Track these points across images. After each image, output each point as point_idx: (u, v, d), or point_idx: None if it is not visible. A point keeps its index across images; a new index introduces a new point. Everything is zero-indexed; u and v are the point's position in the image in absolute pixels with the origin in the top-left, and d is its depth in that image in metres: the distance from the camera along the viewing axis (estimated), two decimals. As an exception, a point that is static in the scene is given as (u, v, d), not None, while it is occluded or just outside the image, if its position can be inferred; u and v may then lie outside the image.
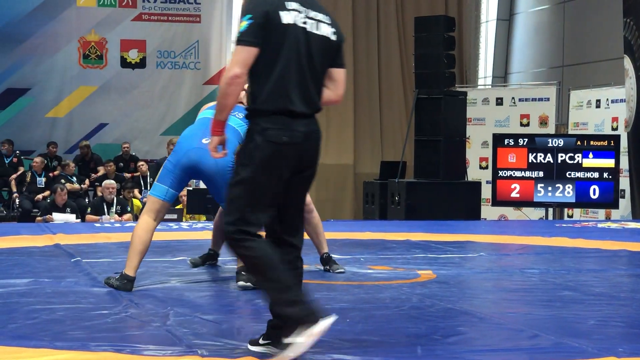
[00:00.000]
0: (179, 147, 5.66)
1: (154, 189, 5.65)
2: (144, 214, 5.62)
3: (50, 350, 3.77)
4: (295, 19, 3.79)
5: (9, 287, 5.43)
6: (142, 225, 5.56)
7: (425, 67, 13.60)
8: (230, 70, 3.69)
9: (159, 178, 5.66)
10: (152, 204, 5.60)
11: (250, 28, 3.70)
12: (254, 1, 3.76)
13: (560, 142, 12.97)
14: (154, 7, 17.27)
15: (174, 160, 5.63)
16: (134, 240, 5.52)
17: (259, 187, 3.75)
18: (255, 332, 4.18)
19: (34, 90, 16.78)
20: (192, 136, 5.68)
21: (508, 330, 4.35)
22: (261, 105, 3.76)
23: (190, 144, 5.62)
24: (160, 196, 5.59)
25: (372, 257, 7.32)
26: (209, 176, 5.59)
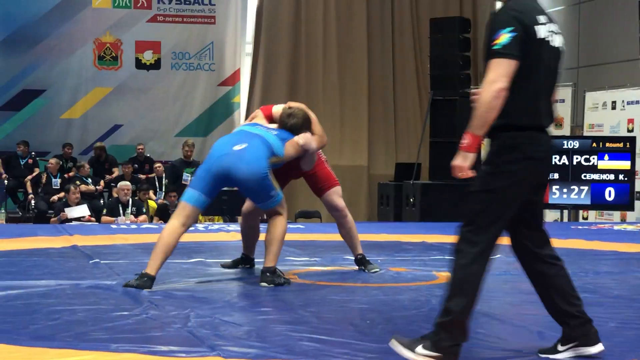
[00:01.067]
0: (211, 154, 5.72)
1: (185, 194, 5.70)
2: (172, 218, 5.69)
3: (73, 351, 3.79)
4: (545, 34, 3.76)
5: (30, 287, 5.46)
6: (168, 229, 5.62)
7: (441, 69, 13.61)
8: (495, 84, 3.62)
9: (191, 184, 5.72)
10: (182, 209, 5.66)
11: (513, 41, 3.64)
12: (512, 14, 3.70)
13: (575, 143, 12.94)
14: (168, 8, 17.32)
15: (205, 167, 5.68)
16: (159, 242, 5.58)
17: (507, 200, 3.76)
18: (277, 333, 4.19)
19: (49, 92, 16.84)
20: (225, 143, 5.75)
21: (528, 333, 4.36)
22: (516, 121, 3.73)
23: (222, 150, 5.68)
24: (190, 201, 5.63)
25: (389, 258, 7.32)
26: (241, 182, 5.64)
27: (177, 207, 5.74)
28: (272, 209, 5.86)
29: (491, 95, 3.62)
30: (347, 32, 17.94)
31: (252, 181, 5.63)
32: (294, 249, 7.81)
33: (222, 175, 5.63)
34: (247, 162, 5.64)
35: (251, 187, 5.67)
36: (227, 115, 17.64)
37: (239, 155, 5.66)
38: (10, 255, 7.28)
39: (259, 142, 5.76)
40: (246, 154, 5.67)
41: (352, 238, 6.46)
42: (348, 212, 6.42)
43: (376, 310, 4.89)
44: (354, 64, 17.91)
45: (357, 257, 6.50)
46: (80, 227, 10.79)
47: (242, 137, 5.81)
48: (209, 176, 5.64)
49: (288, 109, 6.09)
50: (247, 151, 5.68)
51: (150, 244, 8.28)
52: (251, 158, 5.66)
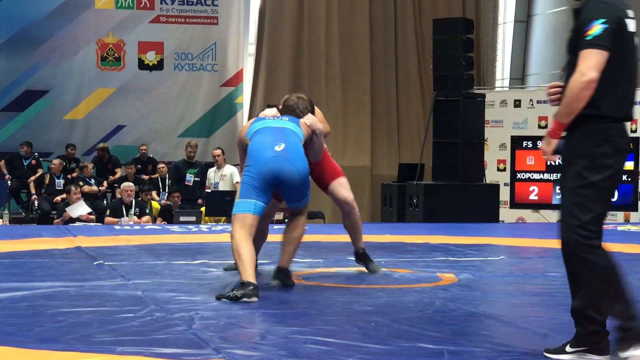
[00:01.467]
0: (255, 160, 5.58)
1: (240, 207, 5.51)
2: (236, 231, 5.45)
3: (78, 354, 3.79)
4: (633, 28, 3.79)
5: (34, 289, 5.46)
6: (241, 240, 5.40)
7: (444, 69, 13.60)
8: (586, 74, 3.63)
9: (243, 195, 5.53)
10: (243, 221, 5.47)
11: (606, 32, 3.65)
12: (605, 6, 3.71)
13: (579, 144, 12.92)
14: (171, 9, 17.32)
15: (252, 173, 5.55)
16: (242, 251, 5.35)
17: (606, 194, 3.78)
18: (282, 335, 4.19)
19: (52, 92, 16.84)
20: (264, 147, 5.61)
21: (533, 335, 4.35)
22: (608, 112, 3.74)
23: (266, 154, 5.57)
24: (249, 210, 5.48)
25: (393, 260, 7.33)
26: (289, 182, 5.58)
27: (236, 221, 5.49)
28: (299, 209, 5.81)
29: (581, 86, 3.65)
30: (349, 33, 17.94)
31: (298, 180, 5.59)
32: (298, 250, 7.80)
33: (272, 178, 5.54)
34: (293, 162, 5.58)
35: (297, 186, 5.62)
36: (230, 115, 17.63)
37: (284, 156, 5.58)
38: (15, 256, 7.29)
39: (292, 137, 5.71)
40: (289, 154, 5.60)
41: (357, 231, 6.42)
42: (356, 204, 6.41)
43: (380, 312, 4.89)
44: (356, 65, 17.90)
45: (359, 252, 6.46)
46: (83, 228, 10.80)
47: (276, 135, 5.69)
48: (259, 182, 5.51)
49: (290, 95, 6.11)
50: (289, 150, 5.61)
51: (153, 245, 8.35)
52: (295, 157, 5.61)
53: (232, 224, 5.54)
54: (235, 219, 5.52)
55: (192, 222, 12.02)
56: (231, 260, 6.79)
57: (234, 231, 5.49)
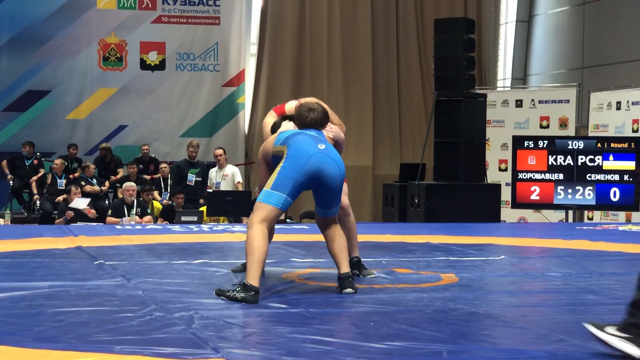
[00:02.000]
0: (298, 154, 5.39)
1: (270, 197, 5.33)
2: (257, 223, 5.29)
3: (77, 353, 3.79)
4: None
5: (34, 289, 5.46)
6: (259, 234, 5.24)
7: (445, 69, 13.60)
8: None
9: (277, 186, 5.34)
10: (269, 213, 5.32)
11: None
12: None
13: (580, 144, 12.94)
14: (173, 9, 17.33)
15: (296, 167, 5.35)
16: (255, 250, 5.21)
17: None
18: (281, 335, 4.19)
19: (54, 93, 16.87)
20: (307, 143, 5.45)
21: (533, 334, 4.35)
22: None
23: (311, 149, 5.41)
24: (278, 205, 5.33)
25: (394, 260, 7.32)
26: (330, 181, 5.42)
27: (261, 210, 5.31)
28: (332, 217, 5.64)
29: None
30: (351, 33, 17.95)
31: (339, 180, 5.44)
32: (298, 250, 7.82)
33: (314, 174, 5.36)
34: (336, 161, 5.46)
35: (336, 187, 5.46)
36: (231, 115, 17.65)
37: (327, 154, 5.45)
38: (15, 256, 7.29)
39: (327, 143, 5.59)
40: (331, 153, 5.48)
41: (351, 238, 6.30)
42: (351, 211, 6.35)
43: (380, 311, 4.88)
44: (358, 65, 17.91)
45: (353, 260, 6.32)
46: (85, 228, 10.80)
47: (315, 137, 5.55)
48: (301, 177, 5.33)
49: (305, 104, 5.90)
50: (331, 150, 5.50)
51: (154, 245, 8.35)
52: (337, 157, 5.50)
53: (256, 212, 5.33)
54: (262, 209, 5.33)
55: (194, 222, 12.01)
56: (233, 260, 6.82)
57: (254, 221, 5.30)
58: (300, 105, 5.90)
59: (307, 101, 5.98)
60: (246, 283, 5.14)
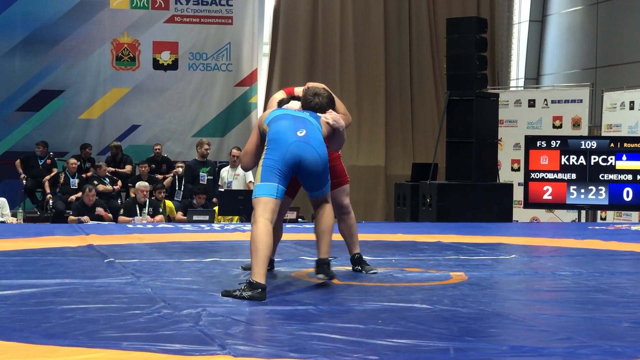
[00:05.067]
0: (278, 144, 5.46)
1: (263, 190, 5.38)
2: (259, 217, 5.32)
3: (84, 349, 3.79)
4: None
5: (44, 286, 5.47)
6: (263, 230, 5.27)
7: (457, 69, 13.58)
8: None
9: (264, 177, 5.41)
10: (266, 205, 5.35)
11: None
12: None
13: (593, 144, 12.89)
14: (186, 9, 17.36)
15: (276, 157, 5.43)
16: (259, 246, 5.22)
17: None
18: (289, 332, 4.19)
19: (67, 92, 16.92)
20: (286, 131, 5.50)
21: (541, 333, 4.33)
22: None
23: (289, 138, 5.46)
24: (272, 194, 5.36)
25: (404, 258, 7.31)
26: (310, 167, 5.48)
27: (259, 204, 5.36)
28: (322, 197, 5.71)
29: None
30: (364, 33, 17.94)
31: (320, 166, 5.49)
32: (308, 249, 7.81)
33: (295, 163, 5.43)
34: (315, 148, 5.50)
35: (318, 172, 5.51)
36: (244, 115, 17.66)
37: (306, 141, 5.49)
38: (26, 254, 7.31)
39: (312, 126, 5.62)
40: (311, 140, 5.51)
41: (352, 235, 6.35)
42: (351, 209, 6.39)
43: (388, 309, 4.88)
44: (371, 64, 17.91)
45: (355, 256, 6.38)
46: (96, 226, 10.83)
47: (297, 122, 5.60)
48: (282, 165, 5.39)
49: (312, 88, 5.95)
50: (310, 136, 5.53)
51: (165, 243, 8.36)
52: (316, 143, 5.52)
53: (255, 207, 5.37)
54: (259, 203, 5.37)
55: (205, 221, 12.03)
56: (243, 259, 6.82)
57: (257, 216, 5.33)
58: (307, 89, 5.96)
59: (315, 85, 6.02)
60: (252, 281, 5.14)
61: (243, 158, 5.92)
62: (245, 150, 5.86)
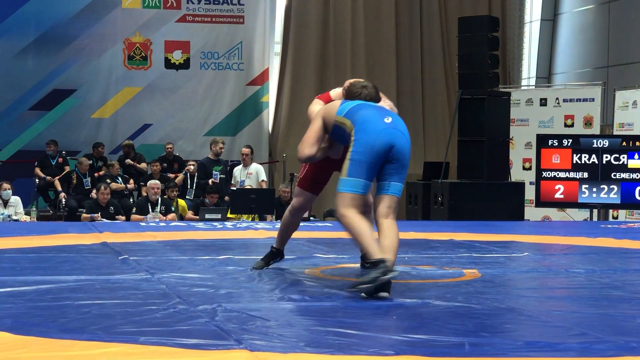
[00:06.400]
0: (367, 133, 5.24)
1: (348, 185, 5.22)
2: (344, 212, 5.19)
3: (101, 344, 3.82)
4: None
5: (60, 282, 5.51)
6: (355, 218, 5.16)
7: (469, 68, 13.58)
8: None
9: (350, 172, 5.22)
10: (351, 200, 5.21)
11: None
12: None
13: (605, 142, 12.87)
14: (197, 8, 17.40)
15: (364, 149, 5.21)
16: (360, 230, 5.12)
17: None
18: (304, 327, 4.21)
19: (79, 91, 16.98)
20: (373, 119, 5.30)
21: (555, 328, 4.35)
22: None
23: (378, 125, 5.27)
24: (357, 190, 5.23)
25: (416, 256, 7.32)
26: (401, 154, 5.30)
27: (345, 200, 5.20)
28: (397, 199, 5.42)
29: None
30: (375, 31, 17.96)
31: (409, 152, 5.34)
32: (322, 247, 7.84)
33: (385, 150, 5.22)
34: (404, 133, 5.35)
35: (406, 160, 5.34)
36: (255, 114, 17.70)
37: (394, 127, 5.31)
38: (41, 251, 7.36)
39: (393, 113, 5.48)
40: (398, 125, 5.34)
41: None
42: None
43: (403, 305, 4.89)
44: (382, 63, 17.92)
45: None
46: (109, 224, 10.88)
47: (380, 110, 5.44)
48: (372, 157, 5.20)
49: (356, 82, 5.79)
50: (397, 122, 5.35)
51: (178, 241, 8.39)
52: (404, 128, 5.38)
53: (340, 202, 5.23)
54: (344, 198, 5.22)
55: (218, 219, 12.06)
56: (256, 256, 6.84)
57: (343, 210, 5.20)
58: (351, 85, 5.79)
59: (356, 80, 5.87)
60: (373, 260, 5.04)
61: (301, 147, 5.59)
62: (303, 139, 5.57)
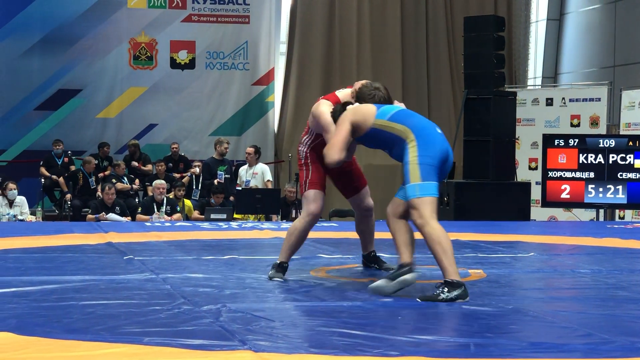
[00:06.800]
0: (430, 139, 5.24)
1: (427, 189, 5.14)
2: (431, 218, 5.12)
3: (105, 344, 3.82)
4: None
5: (64, 283, 5.51)
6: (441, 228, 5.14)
7: (475, 67, 13.55)
8: None
9: (425, 177, 5.15)
10: (433, 204, 5.16)
11: None
12: None
13: (611, 142, 12.84)
14: (203, 8, 17.40)
15: (432, 153, 5.19)
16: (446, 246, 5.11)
17: None
18: (309, 328, 4.20)
19: (85, 91, 16.98)
20: (430, 126, 5.32)
21: (561, 329, 4.33)
22: None
23: (435, 133, 5.28)
24: (436, 193, 5.18)
25: (422, 256, 7.28)
26: (449, 165, 5.32)
27: (427, 204, 5.12)
28: None
29: None
30: (381, 32, 17.94)
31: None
32: (327, 247, 7.83)
33: (444, 159, 5.24)
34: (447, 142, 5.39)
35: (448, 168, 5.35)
36: (261, 114, 17.69)
37: (444, 136, 5.35)
38: (46, 251, 7.36)
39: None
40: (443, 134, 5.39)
41: (372, 234, 6.41)
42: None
43: (408, 306, 4.88)
44: (388, 63, 17.90)
45: (371, 254, 6.43)
46: (115, 224, 10.88)
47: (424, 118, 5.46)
48: (439, 162, 5.19)
49: (368, 84, 5.73)
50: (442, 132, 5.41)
51: (183, 241, 8.39)
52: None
53: (423, 207, 5.12)
54: (426, 203, 5.12)
55: (223, 219, 12.06)
56: (262, 256, 6.84)
57: (428, 217, 5.12)
58: (363, 86, 5.73)
59: (367, 82, 5.80)
60: (451, 280, 5.05)
61: (330, 151, 5.44)
62: (332, 144, 5.45)
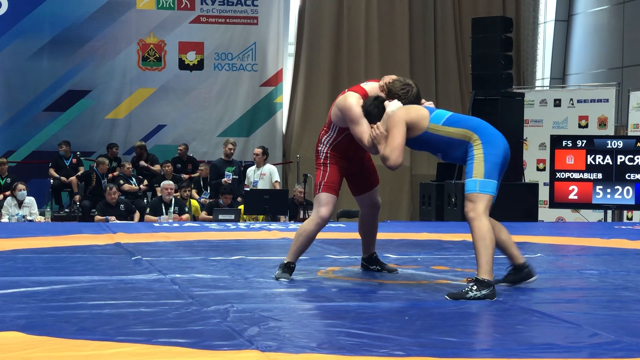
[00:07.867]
0: (493, 138, 5.32)
1: (488, 187, 5.23)
2: (484, 214, 5.21)
3: (114, 344, 3.84)
4: None
5: (73, 283, 5.54)
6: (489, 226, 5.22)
7: (483, 68, 13.56)
8: None
9: (489, 174, 5.24)
10: (489, 202, 5.25)
11: None
12: None
13: (619, 143, 12.83)
14: (211, 9, 17.43)
15: (497, 152, 5.27)
16: (489, 243, 5.20)
17: None
18: (316, 328, 4.22)
19: (94, 92, 17.03)
20: (491, 127, 5.38)
21: (567, 329, 4.34)
22: None
23: (498, 132, 5.36)
24: (494, 192, 5.26)
25: (429, 257, 7.32)
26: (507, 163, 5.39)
27: (482, 200, 5.19)
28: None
29: None
30: (389, 33, 17.95)
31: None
32: (334, 247, 7.85)
33: (506, 159, 5.33)
34: None
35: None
36: (269, 115, 17.71)
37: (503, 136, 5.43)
38: (55, 251, 7.39)
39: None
40: None
41: (375, 235, 6.37)
42: None
43: (415, 306, 4.90)
44: (396, 64, 17.90)
45: (374, 256, 6.37)
46: (123, 225, 10.91)
47: None
48: (500, 159, 5.26)
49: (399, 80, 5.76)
50: None
51: (191, 241, 8.41)
52: None
53: (479, 202, 5.20)
54: (483, 199, 5.21)
55: (231, 220, 12.09)
56: (270, 257, 6.86)
57: (480, 213, 5.20)
58: (395, 81, 5.76)
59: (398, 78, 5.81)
60: (482, 279, 5.11)
61: (392, 155, 5.51)
62: (394, 147, 5.49)
